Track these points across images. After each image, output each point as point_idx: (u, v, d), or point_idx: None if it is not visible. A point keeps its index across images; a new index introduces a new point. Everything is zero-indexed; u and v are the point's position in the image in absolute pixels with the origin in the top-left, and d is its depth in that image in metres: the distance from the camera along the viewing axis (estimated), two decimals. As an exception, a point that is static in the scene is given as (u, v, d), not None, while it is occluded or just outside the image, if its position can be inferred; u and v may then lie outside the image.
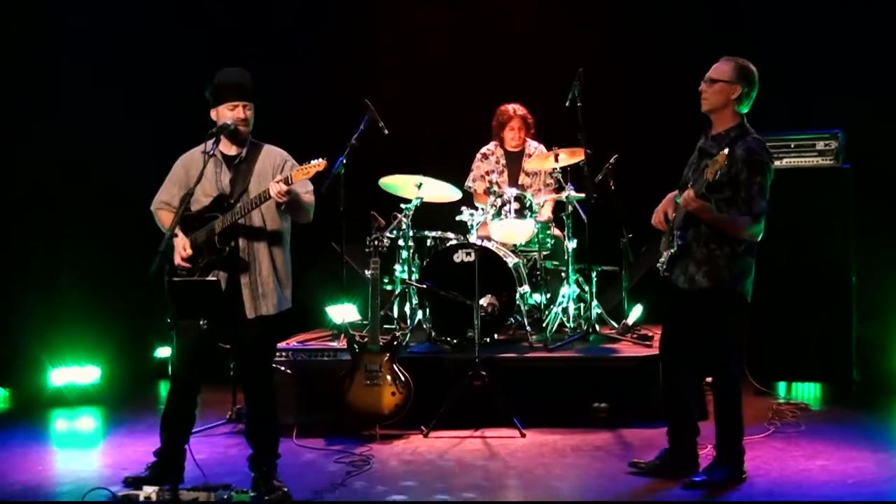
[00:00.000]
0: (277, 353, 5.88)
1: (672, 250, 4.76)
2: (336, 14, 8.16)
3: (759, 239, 4.75)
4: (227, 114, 4.82)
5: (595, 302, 6.82)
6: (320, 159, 4.70)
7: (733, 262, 4.69)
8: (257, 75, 4.94)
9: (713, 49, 4.99)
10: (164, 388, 7.25)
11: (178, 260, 4.83)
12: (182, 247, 4.83)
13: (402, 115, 7.45)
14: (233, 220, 4.79)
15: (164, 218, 4.99)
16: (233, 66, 4.93)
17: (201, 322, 4.63)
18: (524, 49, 7.95)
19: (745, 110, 4.78)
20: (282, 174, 4.80)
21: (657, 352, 5.24)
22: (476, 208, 6.94)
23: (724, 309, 4.74)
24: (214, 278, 4.71)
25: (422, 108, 8.00)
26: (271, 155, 4.95)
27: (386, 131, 6.64)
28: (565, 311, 6.84)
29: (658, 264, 4.88)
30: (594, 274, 6.82)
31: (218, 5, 7.75)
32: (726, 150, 4.46)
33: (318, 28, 8.10)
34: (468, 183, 7.34)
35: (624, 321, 6.81)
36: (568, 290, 6.80)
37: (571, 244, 6.80)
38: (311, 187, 4.92)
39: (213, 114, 4.90)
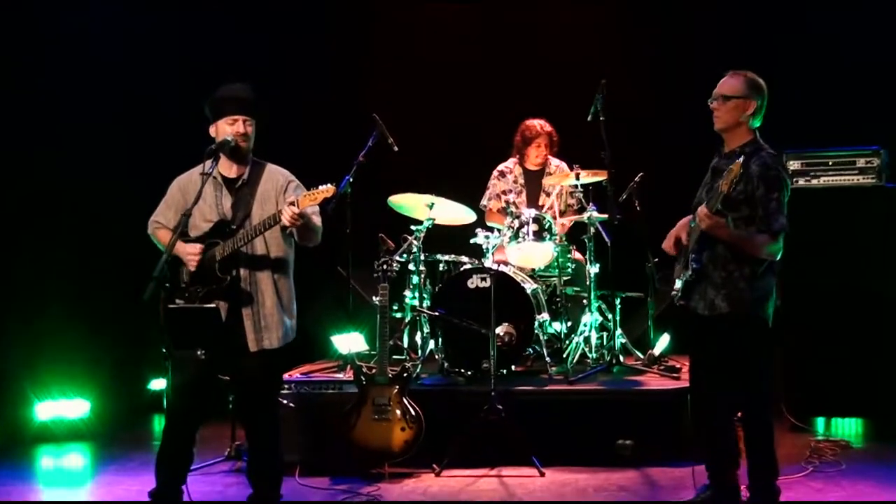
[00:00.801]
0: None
1: (688, 275, 4.78)
2: (341, 23, 8.25)
3: (779, 258, 4.77)
4: (226, 129, 4.85)
5: (619, 331, 6.82)
6: (328, 185, 4.73)
7: (754, 284, 4.72)
8: (258, 89, 4.99)
9: (744, 61, 5.02)
10: (158, 424, 7.31)
11: (192, 266, 4.79)
12: (191, 251, 4.79)
13: (413, 130, 7.49)
14: (235, 247, 4.80)
15: (164, 237, 4.99)
16: (229, 79, 4.98)
17: (199, 352, 4.64)
18: (544, 60, 8.00)
19: (757, 125, 4.83)
20: (286, 196, 4.83)
21: (686, 384, 5.24)
22: (491, 230, 6.98)
23: (745, 334, 4.76)
24: (213, 305, 4.73)
25: (434, 124, 8.07)
26: (274, 176, 4.98)
27: (395, 147, 6.67)
28: (587, 340, 6.84)
29: (672, 293, 4.91)
30: (618, 301, 6.83)
31: (215, 14, 7.88)
32: (741, 159, 4.52)
33: (321, 38, 8.20)
34: (483, 202, 7.38)
35: (650, 351, 6.81)
36: (590, 318, 6.81)
37: (594, 269, 6.82)
38: (317, 208, 4.96)
39: (211, 130, 4.94)
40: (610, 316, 6.85)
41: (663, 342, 6.85)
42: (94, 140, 7.44)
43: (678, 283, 4.84)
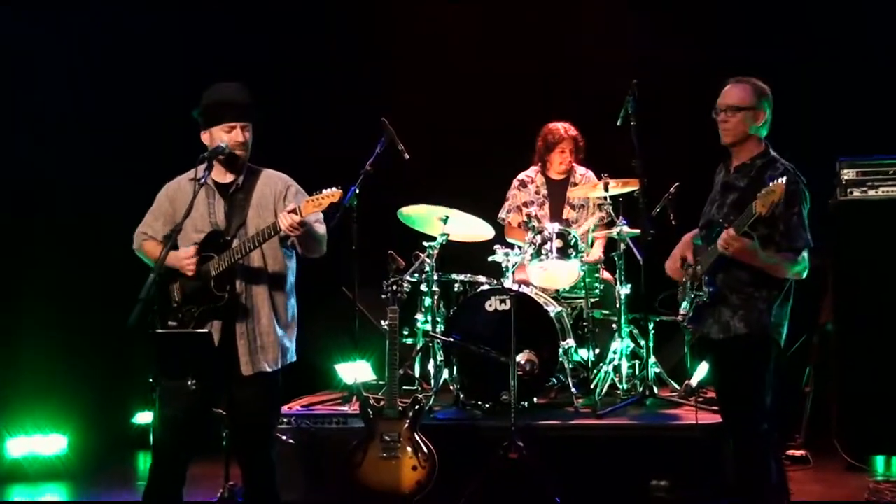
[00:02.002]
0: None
1: (701, 298, 4.79)
2: (349, 21, 8.28)
3: (805, 276, 4.78)
4: (222, 136, 4.88)
5: (653, 359, 6.83)
6: (334, 188, 4.72)
7: (774, 307, 4.73)
8: (253, 89, 5.01)
9: (786, 61, 5.04)
10: (144, 462, 7.28)
11: (189, 271, 4.81)
12: (185, 256, 4.81)
13: (426, 136, 7.52)
14: (231, 260, 4.82)
15: (152, 249, 5.02)
16: (220, 78, 5.00)
17: (190, 382, 4.64)
18: (568, 60, 8.04)
19: (765, 133, 4.86)
20: (287, 203, 4.85)
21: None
22: (511, 246, 6.99)
23: (759, 358, 4.76)
24: (206, 329, 4.73)
25: (449, 128, 8.11)
26: (271, 181, 4.99)
27: (406, 155, 6.68)
28: (617, 369, 6.85)
29: (678, 317, 4.93)
30: (651, 325, 6.83)
31: (212, 11, 7.95)
32: (783, 180, 4.49)
33: (325, 37, 8.24)
34: (502, 214, 7.42)
35: (687, 382, 6.80)
36: (620, 345, 6.82)
37: (624, 290, 6.83)
38: (321, 216, 4.96)
39: (204, 137, 4.95)
40: (643, 342, 6.86)
41: (701, 372, 6.77)
42: (72, 147, 7.52)
43: (684, 306, 4.87)
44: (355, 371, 6.75)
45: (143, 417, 7.63)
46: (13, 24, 7.45)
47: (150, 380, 4.64)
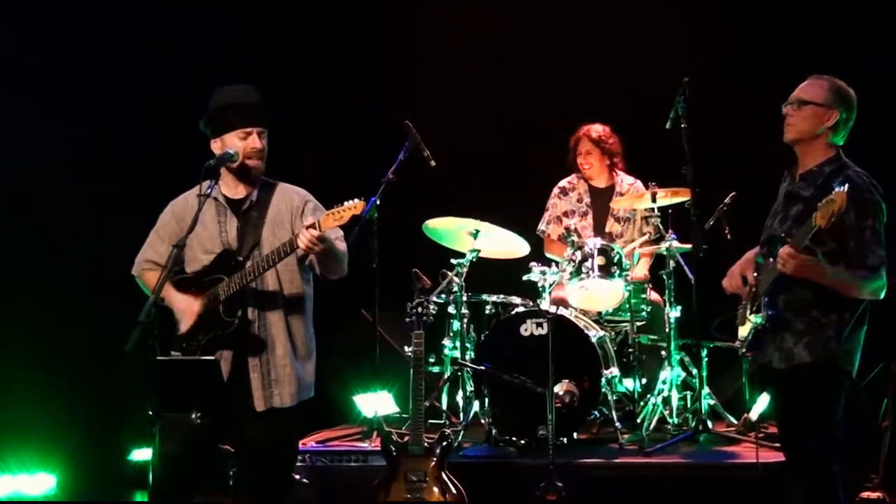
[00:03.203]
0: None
1: (759, 323, 4.73)
2: (370, 16, 8.32)
3: (882, 298, 4.68)
4: (236, 144, 4.88)
5: (706, 390, 6.82)
6: (355, 200, 4.70)
7: (845, 332, 4.65)
8: (263, 91, 5.02)
9: (853, 54, 4.99)
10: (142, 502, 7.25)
11: (184, 326, 4.83)
12: (187, 307, 4.83)
13: (455, 139, 7.53)
14: (243, 283, 4.81)
15: (152, 280, 4.98)
16: (226, 80, 5.01)
17: (194, 416, 4.63)
18: (611, 56, 8.06)
19: (841, 142, 4.80)
20: (304, 219, 4.85)
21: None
22: (549, 263, 6.98)
23: (827, 389, 4.68)
24: (212, 357, 4.72)
25: (480, 131, 8.14)
26: (287, 196, 5.00)
27: (432, 162, 6.64)
28: (667, 401, 6.84)
29: (736, 343, 4.89)
30: (705, 352, 6.84)
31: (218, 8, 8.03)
32: (845, 188, 4.39)
33: (337, 33, 8.30)
34: (541, 226, 7.47)
35: (745, 415, 6.77)
36: (670, 374, 6.81)
37: (674, 312, 6.85)
38: (342, 233, 4.98)
39: (215, 146, 4.95)
40: (695, 371, 6.87)
41: (762, 404, 6.73)
42: (62, 156, 7.58)
43: (744, 331, 4.82)
44: (376, 403, 6.74)
45: (141, 454, 7.52)
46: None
47: (149, 412, 4.66)
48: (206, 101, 4.98)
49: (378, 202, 6.47)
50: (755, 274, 4.85)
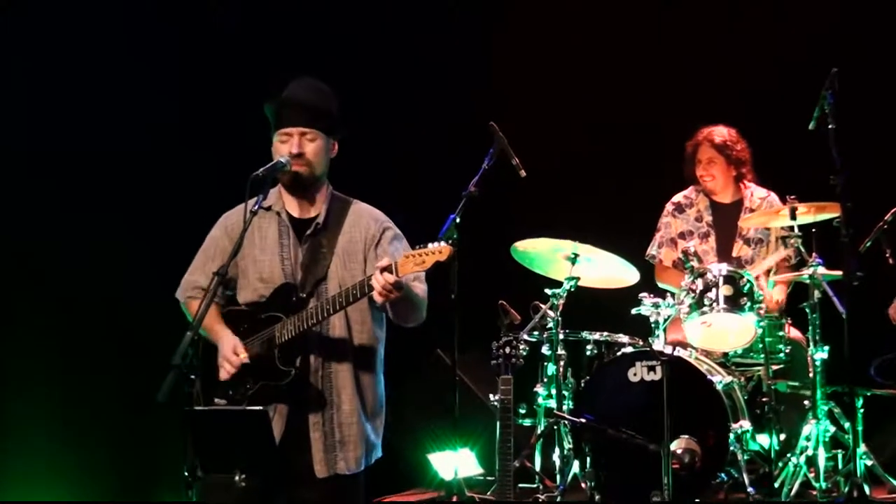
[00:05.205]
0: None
1: None
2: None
3: None
4: (279, 149, 4.93)
5: (862, 447, 6.60)
6: (441, 244, 4.72)
7: None
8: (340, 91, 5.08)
9: None
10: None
11: (224, 374, 4.86)
12: (232, 351, 4.85)
13: (550, 145, 7.61)
14: (304, 327, 4.83)
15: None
16: (301, 73, 5.08)
17: (238, 478, 4.60)
18: (732, 42, 8.09)
19: None
20: (379, 252, 4.91)
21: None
22: (663, 294, 6.89)
23: None
24: (260, 407, 4.70)
25: (579, 137, 8.17)
26: (362, 220, 5.04)
27: (522, 172, 6.45)
28: (811, 461, 6.68)
29: None
30: (860, 402, 6.69)
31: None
32: None
33: (410, 21, 8.35)
34: (651, 250, 7.48)
35: (912, 478, 6.64)
36: (815, 429, 6.68)
37: (820, 353, 6.73)
38: (422, 273, 4.95)
39: (274, 150, 5.01)
40: (847, 425, 6.75)
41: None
42: (79, 170, 7.73)
43: None
44: (455, 462, 6.57)
45: (177, 522, 7.71)
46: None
47: (185, 473, 4.66)
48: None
49: (458, 220, 6.29)
50: None
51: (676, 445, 6.30)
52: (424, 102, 8.22)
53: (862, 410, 6.68)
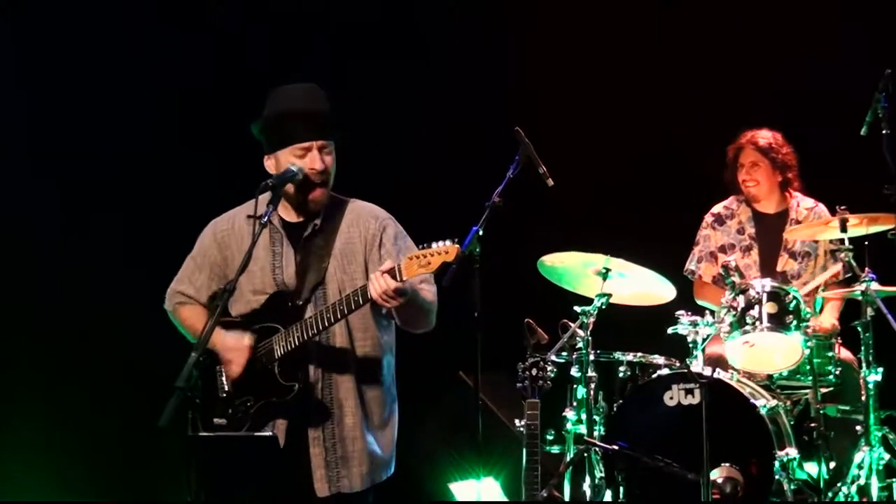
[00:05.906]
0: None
1: None
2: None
3: None
4: (293, 162, 4.93)
5: (920, 476, 6.54)
6: (447, 242, 4.75)
7: None
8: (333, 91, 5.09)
9: None
10: None
11: (236, 368, 4.90)
12: (240, 346, 4.89)
13: (577, 153, 7.57)
14: (304, 337, 4.86)
15: (192, 317, 5.12)
16: (286, 78, 5.13)
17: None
18: (777, 42, 8.07)
19: None
20: (382, 253, 4.93)
21: None
22: (702, 311, 6.88)
23: None
24: (270, 433, 4.78)
25: (609, 143, 8.22)
26: (361, 219, 5.06)
27: (550, 181, 6.40)
28: (864, 491, 6.58)
29: None
30: (918, 428, 6.57)
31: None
32: None
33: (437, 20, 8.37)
34: (689, 265, 7.46)
35: (975, 510, 6.60)
36: (868, 456, 6.56)
37: (873, 375, 6.61)
38: (431, 276, 4.97)
39: (268, 163, 5.02)
40: None
41: None
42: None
43: None
44: (478, 492, 6.54)
45: (179, 551, 7.72)
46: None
47: (188, 500, 4.63)
48: (263, 102, 5.09)
49: (481, 232, 6.23)
50: None
51: (717, 474, 6.29)
52: (442, 105, 8.20)
53: (920, 437, 6.63)
